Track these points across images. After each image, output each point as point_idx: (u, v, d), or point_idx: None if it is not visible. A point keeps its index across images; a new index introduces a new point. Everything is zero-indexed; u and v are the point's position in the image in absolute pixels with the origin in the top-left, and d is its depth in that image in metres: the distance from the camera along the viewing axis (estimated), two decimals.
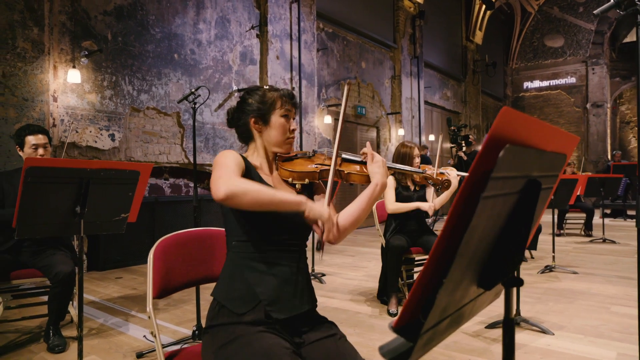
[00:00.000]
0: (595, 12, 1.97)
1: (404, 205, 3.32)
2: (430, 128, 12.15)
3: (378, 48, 9.79)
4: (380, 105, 9.84)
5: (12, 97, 4.32)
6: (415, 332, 0.64)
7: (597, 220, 7.79)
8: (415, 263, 3.58)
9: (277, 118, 1.38)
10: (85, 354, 2.49)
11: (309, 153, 1.46)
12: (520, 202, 0.74)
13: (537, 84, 17.06)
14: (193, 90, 3.26)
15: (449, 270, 0.62)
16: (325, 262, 5.35)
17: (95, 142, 4.97)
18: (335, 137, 1.34)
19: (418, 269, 3.63)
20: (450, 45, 13.30)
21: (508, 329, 0.81)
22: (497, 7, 14.75)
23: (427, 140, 11.55)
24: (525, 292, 3.77)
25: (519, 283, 0.81)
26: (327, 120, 8.15)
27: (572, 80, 16.29)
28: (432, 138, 11.91)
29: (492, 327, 2.89)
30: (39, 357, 2.51)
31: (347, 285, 4.18)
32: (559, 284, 4.10)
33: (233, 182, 1.15)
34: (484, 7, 13.69)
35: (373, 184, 1.32)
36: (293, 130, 1.42)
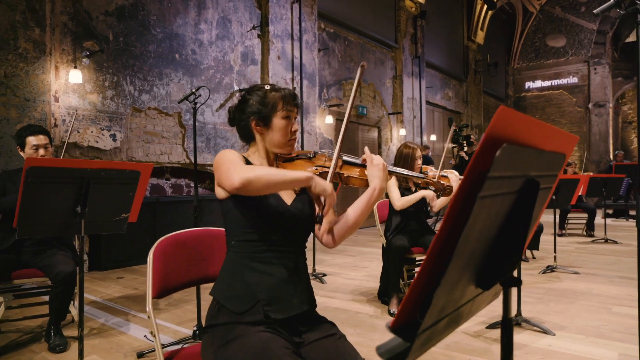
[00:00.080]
0: (596, 11, 1.96)
1: (411, 198, 3.30)
2: (432, 128, 12.14)
3: (379, 48, 9.79)
4: (382, 106, 9.84)
5: (13, 97, 4.33)
6: (413, 332, 0.64)
7: (599, 221, 7.77)
8: (416, 263, 3.57)
9: (278, 120, 1.36)
10: (86, 354, 2.49)
11: (310, 154, 1.45)
12: (519, 201, 0.74)
13: (539, 84, 17.03)
14: (194, 91, 3.26)
15: (446, 270, 0.62)
16: (326, 262, 5.35)
17: (97, 142, 4.98)
18: (342, 128, 1.32)
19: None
20: (452, 45, 13.28)
21: (506, 329, 0.80)
22: (498, 6, 14.73)
23: (428, 141, 11.53)
24: (527, 292, 3.76)
25: (518, 283, 0.80)
26: (328, 121, 8.14)
27: (574, 80, 16.26)
28: (433, 138, 11.90)
29: (493, 327, 2.89)
30: (40, 356, 2.52)
31: (348, 285, 4.18)
32: (561, 284, 4.09)
33: (244, 170, 1.18)
34: (486, 6, 13.67)
35: (371, 189, 1.31)
36: (295, 132, 1.40)
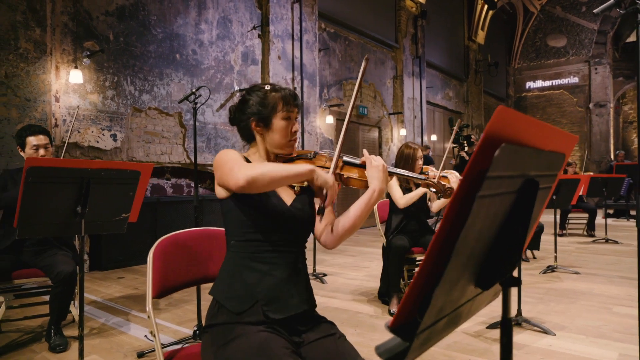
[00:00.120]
0: (596, 10, 1.96)
1: (414, 194, 3.30)
2: (432, 128, 12.13)
3: (380, 48, 9.79)
4: (382, 106, 9.84)
5: (14, 97, 4.33)
6: (412, 331, 0.64)
7: (599, 221, 7.76)
8: (417, 263, 3.57)
9: (278, 121, 1.35)
10: (87, 354, 2.50)
11: (310, 154, 1.44)
12: (518, 201, 0.74)
13: (539, 84, 17.02)
14: (194, 91, 3.26)
15: (445, 270, 0.62)
16: (327, 262, 5.35)
17: (97, 142, 4.98)
18: (342, 128, 1.31)
19: None
20: (453, 45, 13.28)
21: (506, 329, 0.80)
22: (499, 6, 14.72)
23: (429, 141, 11.53)
24: (527, 292, 3.76)
25: (517, 283, 0.80)
26: (328, 121, 8.14)
27: (574, 80, 16.24)
28: (434, 138, 11.90)
29: (493, 327, 2.89)
30: (41, 356, 2.52)
31: (348, 285, 4.18)
32: (561, 284, 4.09)
33: (248, 168, 1.18)
34: (486, 6, 13.66)
35: (370, 190, 1.30)
36: (295, 132, 1.39)
